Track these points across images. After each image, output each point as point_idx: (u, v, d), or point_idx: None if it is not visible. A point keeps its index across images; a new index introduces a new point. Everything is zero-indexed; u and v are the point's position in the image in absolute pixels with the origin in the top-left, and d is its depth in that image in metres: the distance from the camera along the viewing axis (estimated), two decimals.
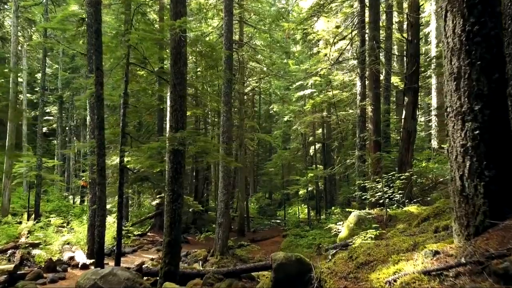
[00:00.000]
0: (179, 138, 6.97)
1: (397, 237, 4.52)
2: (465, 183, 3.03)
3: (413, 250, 3.65)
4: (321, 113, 23.56)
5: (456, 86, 3.09)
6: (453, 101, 3.13)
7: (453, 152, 3.14)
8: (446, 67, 3.23)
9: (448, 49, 3.17)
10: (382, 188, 8.42)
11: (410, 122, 12.49)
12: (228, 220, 14.85)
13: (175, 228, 7.19)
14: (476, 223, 2.93)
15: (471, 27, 3.00)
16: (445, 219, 5.52)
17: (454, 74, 3.11)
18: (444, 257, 2.84)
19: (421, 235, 4.29)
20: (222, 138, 14.61)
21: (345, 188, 18.89)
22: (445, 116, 3.28)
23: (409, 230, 5.83)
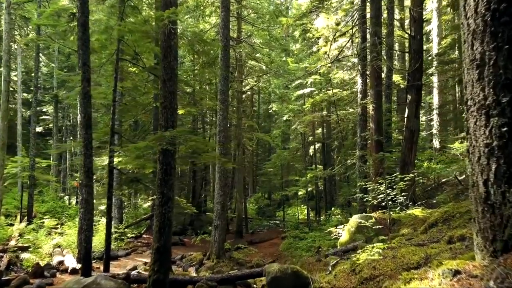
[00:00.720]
0: (169, 138, 6.50)
1: (405, 248, 4.05)
2: (490, 189, 2.57)
3: (425, 264, 3.19)
4: (321, 112, 23.10)
5: (479, 75, 2.62)
6: (475, 92, 2.66)
7: (475, 153, 2.67)
8: (466, 53, 2.76)
9: (469, 32, 2.71)
10: (385, 190, 7.95)
11: (413, 121, 12.03)
12: (224, 222, 14.38)
13: (164, 233, 6.72)
14: (504, 237, 2.46)
15: (497, 4, 2.53)
16: (456, 225, 5.07)
17: (477, 61, 2.64)
18: (467, 278, 2.38)
19: (432, 246, 3.82)
20: (218, 137, 14.14)
21: (345, 189, 18.44)
22: (465, 111, 2.81)
23: (416, 237, 5.36)
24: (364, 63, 13.14)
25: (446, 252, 3.27)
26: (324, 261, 7.19)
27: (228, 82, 14.92)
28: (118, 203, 16.60)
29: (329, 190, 25.86)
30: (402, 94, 23.46)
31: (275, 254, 17.32)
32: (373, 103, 12.49)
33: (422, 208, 8.66)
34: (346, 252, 7.73)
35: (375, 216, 8.54)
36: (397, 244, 4.59)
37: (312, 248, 15.96)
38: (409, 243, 4.69)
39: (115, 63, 9.29)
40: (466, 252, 3.03)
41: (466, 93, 2.79)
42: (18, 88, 26.87)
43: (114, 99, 9.19)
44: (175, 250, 16.74)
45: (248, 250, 15.77)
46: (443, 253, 3.29)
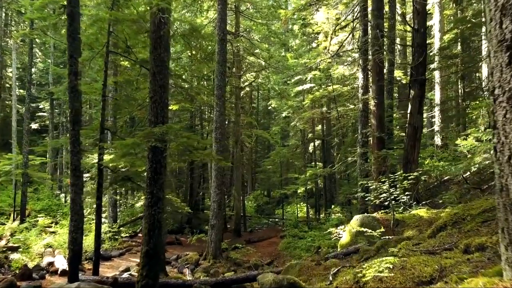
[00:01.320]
0: (158, 134, 6.08)
1: (415, 256, 3.63)
2: None
3: (440, 278, 2.77)
4: (321, 108, 22.65)
5: (509, 58, 2.20)
6: (504, 79, 2.24)
7: (505, 151, 2.25)
8: (493, 33, 2.34)
9: (497, 7, 2.28)
10: (388, 189, 7.54)
11: (416, 117, 11.60)
12: (221, 221, 13.99)
13: (154, 236, 6.31)
14: None
15: None
16: (467, 229, 4.65)
17: (507, 41, 2.21)
18: None
19: (445, 254, 3.40)
20: (215, 134, 13.72)
21: (345, 187, 18.03)
22: (491, 101, 2.38)
23: (424, 241, 4.94)
24: (365, 57, 12.70)
25: (464, 265, 2.86)
26: (324, 265, 6.78)
27: (225, 77, 14.48)
28: (112, 201, 16.19)
29: (329, 188, 25.46)
30: (403, 90, 23.05)
31: (274, 253, 16.93)
32: (375, 99, 12.05)
33: (427, 208, 8.25)
34: (347, 255, 7.33)
35: (377, 217, 8.13)
36: (405, 251, 4.18)
37: (311, 248, 15.56)
38: (417, 249, 4.28)
39: (105, 56, 8.86)
40: (489, 266, 2.62)
41: (492, 80, 2.37)
42: (13, 84, 26.37)
43: (103, 94, 8.76)
44: (171, 250, 16.37)
45: (245, 250, 15.38)
46: (460, 266, 2.87)
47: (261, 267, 13.81)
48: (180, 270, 12.16)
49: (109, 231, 14.84)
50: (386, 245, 6.41)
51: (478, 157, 8.41)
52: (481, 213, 4.96)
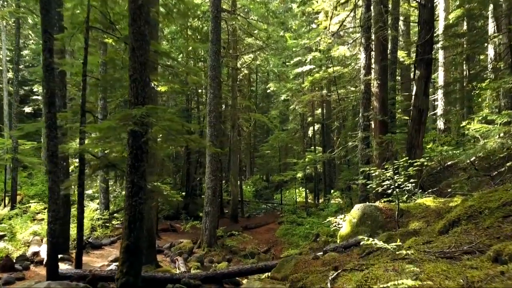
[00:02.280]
0: (137, 116, 5.43)
1: (429, 262, 3.03)
2: None
3: None
4: (321, 91, 21.90)
5: None
6: None
7: None
8: None
9: None
10: (393, 176, 6.93)
11: (422, 99, 10.91)
12: (216, 208, 13.47)
13: (135, 229, 5.74)
14: None
15: None
16: (487, 225, 4.05)
17: None
18: None
19: (470, 262, 2.80)
20: (209, 118, 13.08)
21: (345, 172, 17.46)
22: None
23: (435, 239, 4.34)
24: (368, 35, 11.92)
25: (498, 280, 2.26)
26: (322, 259, 6.21)
27: (220, 57, 13.72)
28: (103, 188, 15.62)
29: (328, 172, 24.95)
30: (406, 72, 22.27)
31: (271, 240, 16.48)
32: (378, 79, 11.34)
33: (434, 197, 7.65)
34: (348, 248, 6.77)
35: (380, 206, 7.55)
36: (415, 252, 3.58)
37: (309, 235, 15.08)
38: (429, 249, 3.68)
39: (85, 32, 8.13)
40: None
41: None
42: (4, 67, 25.51)
43: (84, 73, 8.07)
44: (165, 237, 15.90)
45: (242, 237, 14.91)
46: (493, 281, 2.27)
47: (257, 255, 13.35)
48: (172, 259, 11.68)
49: (100, 218, 14.31)
50: (390, 239, 5.83)
51: (491, 142, 7.78)
52: (501, 207, 4.35)
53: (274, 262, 7.19)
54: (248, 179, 35.15)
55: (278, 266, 6.65)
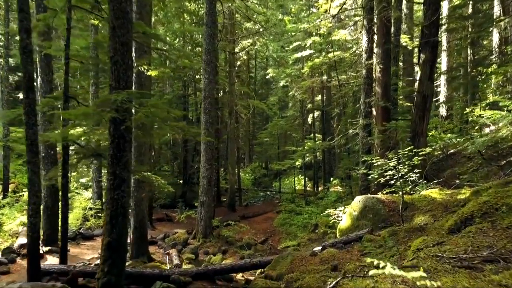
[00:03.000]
0: (117, 102, 4.92)
1: (446, 275, 2.56)
2: None
3: None
4: (321, 77, 21.27)
5: None
6: None
7: None
8: None
9: None
10: (397, 167, 6.46)
11: (427, 84, 10.36)
12: (211, 198, 13.04)
13: (117, 224, 5.29)
14: None
15: None
16: (506, 225, 3.59)
17: None
18: None
19: (496, 277, 2.33)
20: (204, 104, 12.55)
21: (345, 161, 17.00)
22: None
23: (447, 239, 3.88)
24: (370, 17, 11.30)
25: None
26: (320, 257, 5.79)
27: (215, 41, 13.11)
28: (96, 176, 15.16)
29: (328, 160, 24.49)
30: (408, 57, 21.62)
31: (269, 230, 16.11)
32: (380, 64, 10.77)
33: (439, 188, 7.19)
34: (348, 243, 6.34)
35: (382, 198, 7.09)
36: (426, 257, 3.12)
37: (308, 225, 14.72)
38: (442, 253, 3.22)
39: (67, 12, 7.54)
40: None
41: None
42: None
43: (66, 56, 7.51)
44: (160, 227, 15.53)
45: (238, 227, 14.50)
46: None
47: (254, 246, 12.98)
48: (166, 250, 11.30)
49: (92, 208, 13.90)
50: (394, 234, 5.39)
51: (504, 129, 7.28)
52: None
53: (269, 258, 6.77)
54: (247, 167, 34.75)
55: (273, 263, 6.23)
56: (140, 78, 9.57)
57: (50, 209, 10.36)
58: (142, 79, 9.62)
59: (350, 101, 21.68)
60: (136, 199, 9.69)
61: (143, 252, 9.77)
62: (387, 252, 4.84)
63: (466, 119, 19.94)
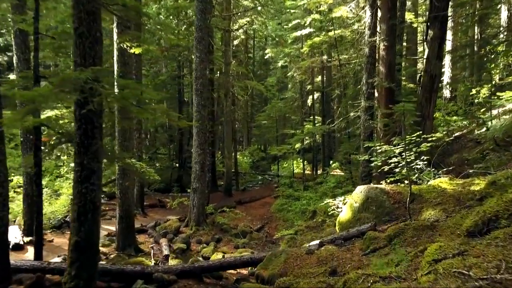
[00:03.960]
0: (81, 82, 4.20)
1: None
2: None
3: None
4: (321, 57, 20.36)
5: None
6: None
7: None
8: None
9: None
10: (404, 154, 5.78)
11: (435, 63, 9.59)
12: (205, 184, 12.42)
13: (86, 222, 4.64)
14: None
15: None
16: None
17: None
18: None
19: None
20: (195, 85, 11.78)
21: (346, 144, 16.31)
22: None
23: (466, 245, 3.22)
24: None
25: None
26: (317, 255, 5.17)
27: (207, 16, 12.21)
28: None
29: (327, 143, 23.83)
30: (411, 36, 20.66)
31: (265, 216, 15.56)
32: (385, 41, 9.95)
33: (450, 178, 6.52)
34: (348, 239, 5.72)
35: (386, 189, 6.43)
36: (450, 280, 2.48)
37: (306, 211, 14.15)
38: (466, 270, 2.56)
39: None
40: None
41: None
42: None
43: (35, 31, 6.72)
44: (152, 214, 14.97)
45: (234, 214, 13.95)
46: None
47: (250, 234, 12.44)
48: (156, 240, 10.73)
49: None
50: (401, 233, 4.75)
51: None
52: None
53: (262, 255, 6.16)
54: (245, 150, 34.12)
55: (266, 261, 5.62)
56: (124, 57, 8.80)
57: (31, 197, 9.72)
58: (126, 57, 8.84)
59: (351, 82, 20.83)
60: (122, 188, 9.06)
61: (130, 243, 9.21)
62: (393, 254, 4.21)
63: (472, 101, 19.18)
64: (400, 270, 3.44)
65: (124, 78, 8.71)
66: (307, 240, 10.85)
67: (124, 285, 6.22)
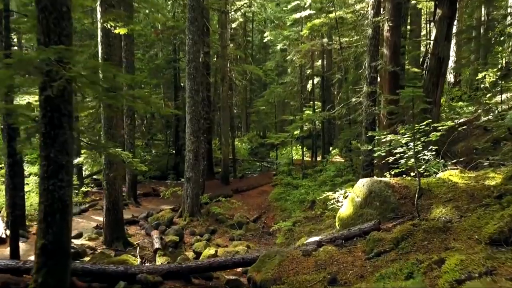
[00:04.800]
0: (44, 62, 3.61)
1: None
2: None
3: None
4: (321, 40, 19.58)
5: None
6: None
7: None
8: None
9: None
10: (413, 144, 5.23)
11: (443, 45, 8.94)
12: (198, 174, 11.90)
13: (54, 223, 4.11)
14: None
15: None
16: None
17: None
18: None
19: None
20: (188, 68, 11.13)
21: (347, 132, 15.72)
22: None
23: (492, 259, 2.69)
24: None
25: None
26: (315, 258, 4.66)
27: None
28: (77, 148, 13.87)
29: (327, 129, 23.23)
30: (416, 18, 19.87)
31: (263, 206, 15.10)
32: (390, 21, 9.27)
33: (460, 170, 5.97)
34: (350, 239, 5.20)
35: (391, 182, 5.89)
36: None
37: (305, 201, 13.68)
38: None
39: None
40: None
41: None
42: None
43: (5, 8, 6.07)
44: (145, 203, 14.48)
45: (230, 204, 13.44)
46: None
47: (246, 224, 11.98)
48: (148, 232, 10.27)
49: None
50: (409, 236, 4.23)
51: None
52: None
53: (255, 255, 5.65)
54: (244, 136, 33.51)
55: (259, 263, 5.11)
56: (108, 38, 8.13)
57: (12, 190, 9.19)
58: (111, 38, 8.18)
59: (352, 66, 20.10)
60: (109, 178, 8.52)
61: (118, 236, 8.72)
62: (402, 262, 3.69)
63: (477, 85, 18.50)
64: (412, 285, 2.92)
65: (109, 60, 8.10)
66: (305, 232, 10.39)
67: (106, 285, 5.75)
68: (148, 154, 24.60)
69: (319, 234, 10.34)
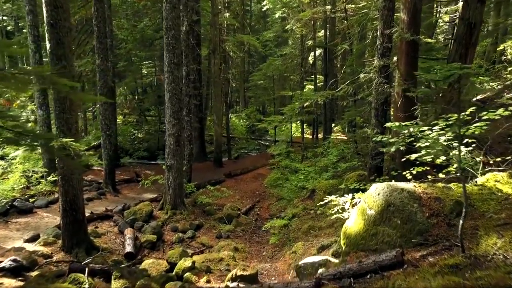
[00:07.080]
0: None
1: None
2: None
3: None
4: (324, 6, 17.60)
5: None
6: None
7: None
8: None
9: None
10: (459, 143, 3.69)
11: (475, 7, 7.18)
12: (181, 161, 10.39)
13: None
14: None
15: None
16: None
17: None
18: None
19: None
20: (166, 38, 9.43)
21: (351, 111, 14.08)
22: None
23: None
24: None
25: None
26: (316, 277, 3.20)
27: None
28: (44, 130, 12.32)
29: (329, 104, 21.51)
30: None
31: (257, 192, 13.67)
32: None
33: (509, 174, 4.43)
34: (360, 276, 3.71)
35: (417, 191, 4.36)
36: None
37: (304, 188, 12.25)
38: None
39: None
40: None
41: None
42: None
43: None
44: (126, 191, 13.00)
45: (220, 192, 12.01)
46: None
47: (236, 218, 10.58)
48: (121, 229, 8.89)
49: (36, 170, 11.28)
50: None
51: None
52: None
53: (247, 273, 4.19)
54: (241, 112, 31.82)
55: None
56: None
57: None
58: None
59: (356, 37, 18.18)
60: (64, 173, 7.01)
61: (80, 240, 7.31)
62: None
63: (494, 58, 16.72)
64: None
65: (56, 27, 6.43)
66: (303, 231, 9.00)
67: None
68: (139, 132, 23.05)
69: (319, 234, 8.96)
